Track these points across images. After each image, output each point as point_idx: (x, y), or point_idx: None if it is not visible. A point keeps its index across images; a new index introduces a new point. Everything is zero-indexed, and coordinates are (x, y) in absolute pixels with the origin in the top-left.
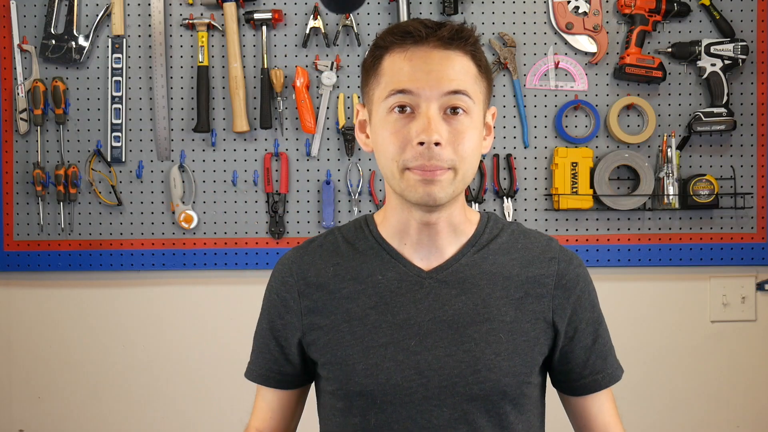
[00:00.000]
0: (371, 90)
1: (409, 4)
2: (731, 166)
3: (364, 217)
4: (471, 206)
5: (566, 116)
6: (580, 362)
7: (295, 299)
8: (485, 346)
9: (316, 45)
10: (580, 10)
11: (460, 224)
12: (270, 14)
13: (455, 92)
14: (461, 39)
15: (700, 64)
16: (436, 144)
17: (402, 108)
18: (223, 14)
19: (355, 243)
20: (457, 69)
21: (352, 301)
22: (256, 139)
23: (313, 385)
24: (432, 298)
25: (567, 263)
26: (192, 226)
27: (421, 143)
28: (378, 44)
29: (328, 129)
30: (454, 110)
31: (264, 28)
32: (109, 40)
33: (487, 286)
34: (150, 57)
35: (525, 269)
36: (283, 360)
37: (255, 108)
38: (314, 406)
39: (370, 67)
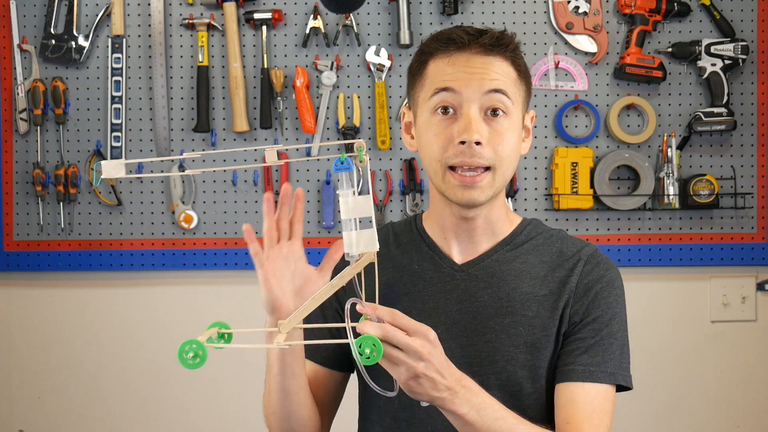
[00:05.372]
0: (416, 93)
1: (409, 4)
2: (731, 166)
3: (415, 214)
4: None
5: (566, 116)
6: (569, 350)
7: None
8: (504, 338)
9: (316, 45)
10: (580, 10)
11: (497, 222)
12: (270, 14)
13: (495, 91)
14: (501, 45)
15: (700, 64)
16: (477, 143)
17: (445, 109)
18: (223, 14)
19: (401, 236)
20: (497, 71)
21: (389, 288)
22: (256, 139)
23: (354, 376)
24: (461, 290)
25: (593, 266)
26: (192, 226)
27: (463, 142)
28: (423, 50)
29: (328, 129)
30: (494, 111)
31: (264, 28)
32: (109, 40)
33: (513, 282)
34: (150, 57)
35: (553, 271)
36: (329, 337)
37: (255, 108)
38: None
39: (415, 72)
